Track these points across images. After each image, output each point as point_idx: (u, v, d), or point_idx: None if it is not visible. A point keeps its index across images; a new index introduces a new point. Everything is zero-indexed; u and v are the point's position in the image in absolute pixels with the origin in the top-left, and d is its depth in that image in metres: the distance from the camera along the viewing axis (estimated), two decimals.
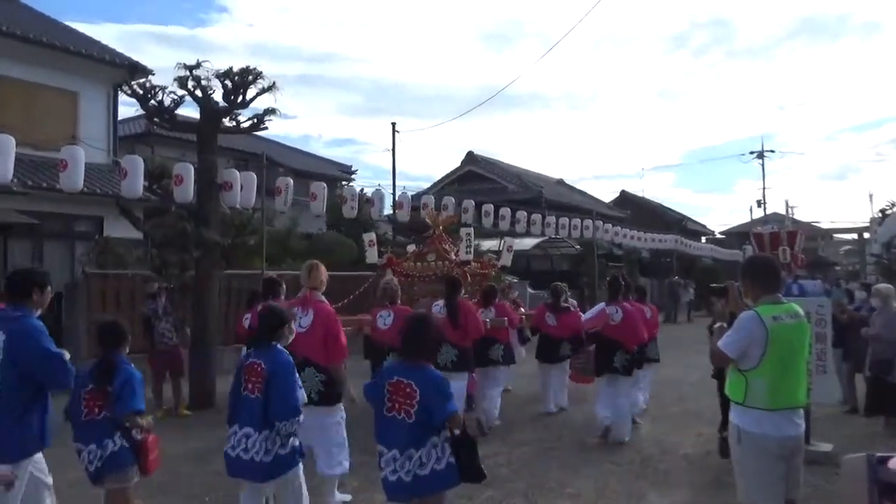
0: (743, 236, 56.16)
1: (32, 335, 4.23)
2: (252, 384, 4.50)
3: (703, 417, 10.07)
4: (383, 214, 18.45)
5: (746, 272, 4.38)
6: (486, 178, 38.35)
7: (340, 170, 34.63)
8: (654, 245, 31.27)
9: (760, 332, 4.08)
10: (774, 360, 4.08)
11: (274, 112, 12.01)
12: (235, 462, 4.51)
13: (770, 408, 4.09)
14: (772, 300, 4.23)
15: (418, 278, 11.14)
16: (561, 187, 45.48)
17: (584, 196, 45.73)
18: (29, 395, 4.21)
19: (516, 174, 39.52)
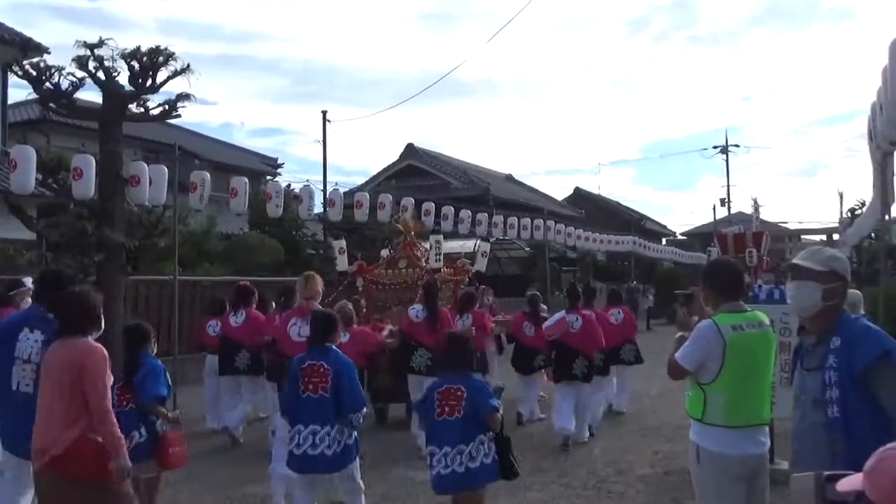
0: (706, 237, 57.48)
1: None
2: (314, 384, 5.42)
3: (661, 434, 10.26)
4: (313, 213, 18.33)
5: (706, 277, 4.47)
6: (427, 172, 38.47)
7: (265, 163, 34.32)
8: (610, 247, 31.81)
9: (717, 342, 4.15)
10: (733, 373, 4.13)
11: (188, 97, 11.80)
12: (303, 458, 5.42)
13: (729, 425, 4.13)
14: (733, 308, 4.30)
15: (389, 286, 11.95)
16: (510, 183, 45.88)
17: (535, 193, 46.22)
18: None
19: (461, 169, 39.74)
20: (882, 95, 7.68)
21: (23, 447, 4.60)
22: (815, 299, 3.47)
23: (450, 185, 36.97)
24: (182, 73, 11.65)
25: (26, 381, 4.93)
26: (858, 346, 3.30)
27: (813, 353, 3.50)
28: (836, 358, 3.32)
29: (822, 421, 3.32)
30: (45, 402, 4.35)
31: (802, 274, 3.54)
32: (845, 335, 3.36)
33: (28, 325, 5.03)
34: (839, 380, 3.28)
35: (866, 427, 3.19)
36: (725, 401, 4.14)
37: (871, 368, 3.23)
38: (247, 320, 9.93)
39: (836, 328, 3.41)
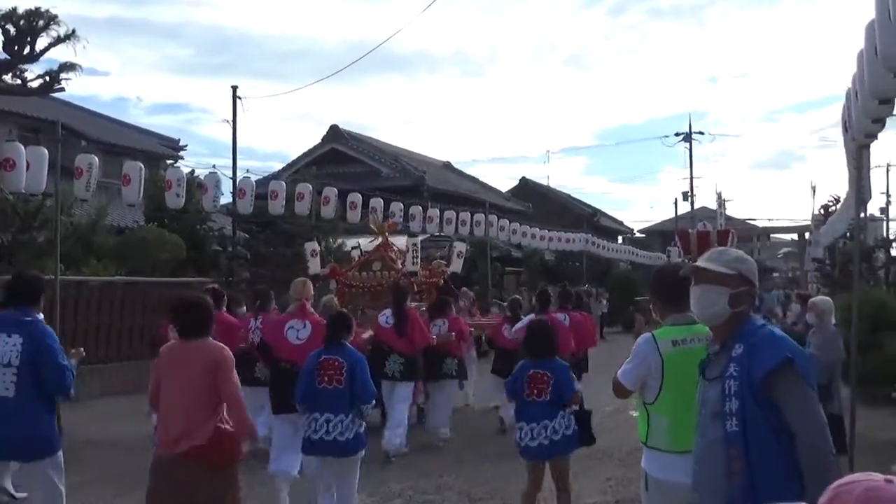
0: (666, 236, 58.47)
1: (47, 340, 5.78)
2: (329, 377, 6.78)
3: (614, 457, 10.40)
4: (220, 204, 18.10)
5: (653, 285, 4.61)
6: (353, 159, 38.34)
7: (164, 144, 33.70)
8: (560, 246, 32.12)
9: (655, 359, 4.28)
10: (675, 392, 4.23)
11: (74, 67, 11.62)
12: (319, 443, 6.77)
13: (673, 449, 4.21)
14: (679, 320, 4.40)
15: (363, 289, 12.86)
16: (448, 172, 46.01)
17: (477, 184, 46.45)
18: (45, 395, 5.78)
19: (392, 155, 39.71)
20: (857, 82, 7.90)
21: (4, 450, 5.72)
22: (722, 305, 3.50)
23: (379, 173, 36.91)
24: (67, 40, 11.45)
25: (6, 385, 5.70)
26: (760, 352, 3.33)
27: (715, 361, 3.54)
28: (736, 366, 3.36)
29: (721, 435, 3.36)
30: (175, 397, 5.25)
31: (707, 277, 3.56)
32: (748, 342, 3.40)
33: (4, 330, 5.75)
34: (739, 389, 3.31)
35: (766, 442, 3.24)
36: (668, 422, 4.25)
37: (773, 376, 3.26)
38: (218, 324, 9.83)
39: (740, 335, 3.45)
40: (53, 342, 5.90)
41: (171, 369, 5.37)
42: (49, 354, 5.80)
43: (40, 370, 5.75)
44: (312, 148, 39.71)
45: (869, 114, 7.82)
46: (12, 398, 5.68)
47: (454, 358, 11.52)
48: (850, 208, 16.77)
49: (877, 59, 6.25)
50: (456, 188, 40.13)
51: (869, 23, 6.50)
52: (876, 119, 7.66)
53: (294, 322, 8.65)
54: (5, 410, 5.65)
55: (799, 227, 53.21)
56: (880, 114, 7.50)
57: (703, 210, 63.12)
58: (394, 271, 12.98)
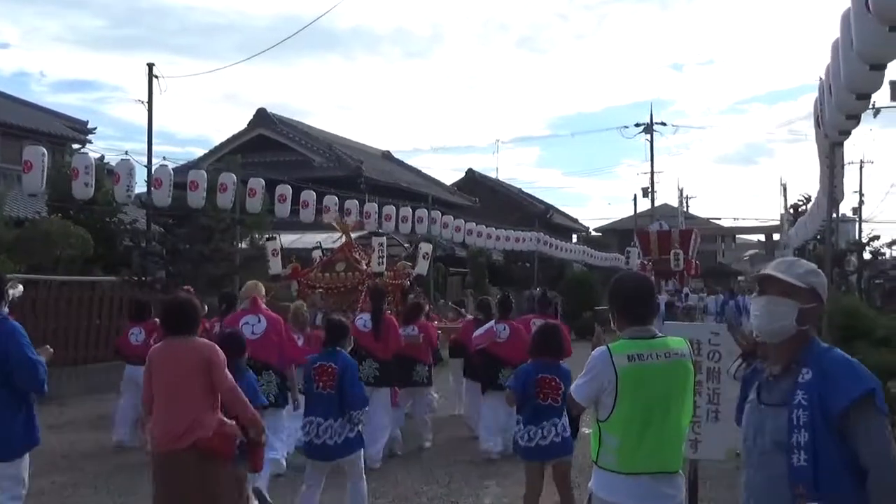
0: (625, 235, 59.06)
1: (15, 336, 6.08)
2: (323, 382, 7.43)
3: None
4: (133, 195, 17.86)
5: (612, 295, 4.67)
6: (283, 146, 38.14)
7: (71, 126, 33.11)
8: (509, 245, 32.31)
9: (608, 374, 4.34)
10: (629, 410, 4.32)
11: None
12: (311, 446, 7.48)
13: (622, 471, 4.32)
14: (637, 333, 4.48)
15: (325, 290, 13.39)
16: (387, 163, 46.00)
17: (419, 176, 46.49)
18: (17, 394, 6.12)
19: (326, 142, 39.56)
20: (832, 75, 8.06)
21: None
22: (790, 320, 3.50)
23: (311, 162, 36.74)
24: None
25: None
26: (837, 382, 3.31)
27: (776, 385, 3.52)
28: (806, 394, 3.34)
29: (785, 470, 3.33)
30: (169, 393, 5.90)
31: (776, 288, 3.56)
32: (818, 367, 3.38)
33: None
34: (809, 420, 3.29)
35: (838, 479, 3.25)
36: (619, 442, 4.33)
37: (851, 410, 3.24)
38: None
39: (807, 358, 3.44)
40: (22, 338, 6.15)
41: (164, 368, 6.01)
42: (18, 351, 6.07)
43: (10, 369, 6.05)
44: (237, 133, 39.42)
45: (843, 109, 8.00)
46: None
47: (424, 364, 11.99)
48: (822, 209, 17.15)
49: (853, 53, 6.37)
50: (396, 180, 40.10)
51: (844, 13, 6.60)
52: (851, 115, 7.85)
53: (249, 317, 9.43)
54: None
55: (767, 227, 54.35)
56: (856, 109, 7.68)
57: (665, 207, 63.96)
58: (358, 272, 13.53)
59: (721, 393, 7.91)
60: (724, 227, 66.79)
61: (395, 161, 47.89)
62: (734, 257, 76.97)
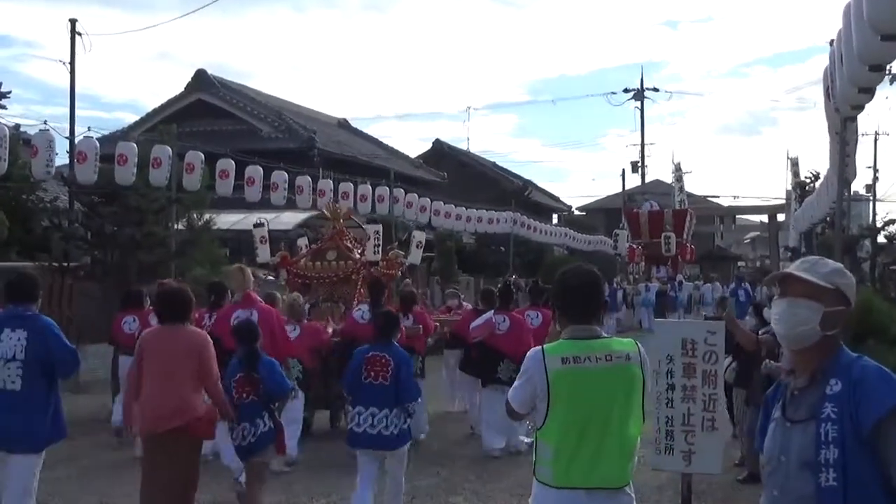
0: (612, 215, 59.13)
1: (52, 332, 7.23)
2: (376, 373, 8.24)
3: None
4: (53, 169, 17.71)
5: (554, 290, 4.74)
6: (225, 113, 37.94)
7: None
8: (481, 227, 32.37)
9: (540, 378, 4.40)
10: (563, 418, 4.38)
11: None
12: (362, 436, 8.22)
13: (555, 485, 4.39)
14: (577, 333, 4.53)
15: (317, 280, 14.34)
16: (344, 132, 45.89)
17: (380, 147, 46.37)
18: (49, 388, 7.17)
19: (274, 109, 39.39)
20: (843, 42, 8.14)
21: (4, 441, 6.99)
22: (812, 325, 3.52)
23: (258, 132, 36.57)
24: None
25: (12, 378, 7.01)
26: (868, 393, 3.31)
27: (802, 399, 3.54)
28: (835, 407, 3.35)
29: (812, 491, 3.35)
30: (163, 376, 7.08)
31: (798, 289, 3.57)
32: (848, 377, 3.39)
33: (8, 325, 7.13)
34: (840, 436, 3.30)
35: (871, 501, 3.28)
36: (554, 453, 4.38)
37: (883, 422, 3.26)
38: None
39: (836, 367, 3.45)
40: (59, 330, 7.37)
41: (157, 352, 7.22)
42: (59, 343, 7.22)
43: (49, 361, 7.11)
44: (173, 98, 39.14)
45: (856, 81, 8.08)
46: (19, 392, 7.03)
47: (418, 355, 12.51)
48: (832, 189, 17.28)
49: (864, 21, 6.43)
50: (354, 153, 40.01)
51: None
52: (864, 88, 7.91)
53: (240, 312, 10.25)
54: (12, 404, 6.98)
55: (770, 207, 54.45)
56: (869, 82, 7.75)
57: (657, 184, 64.27)
58: (351, 261, 14.37)
59: (718, 399, 8.03)
60: (722, 206, 66.95)
61: (352, 131, 47.77)
62: (734, 240, 77.51)
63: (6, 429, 7.00)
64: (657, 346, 8.04)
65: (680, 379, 7.95)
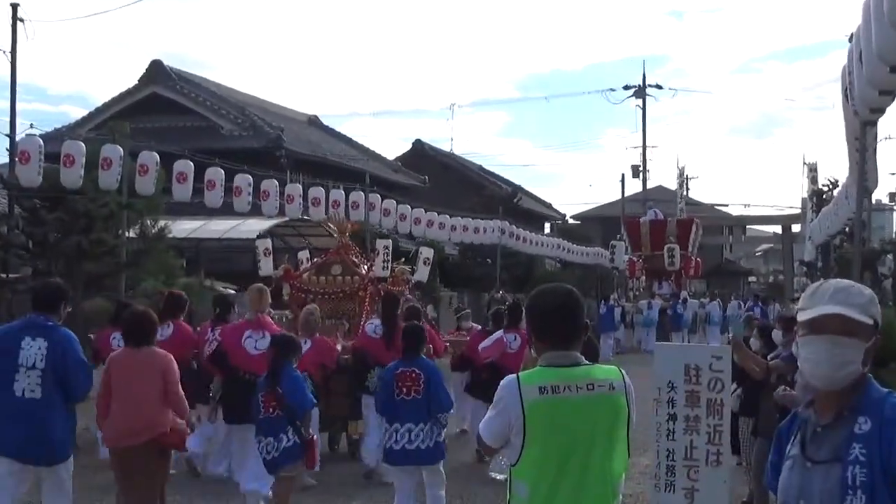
0: (609, 224, 59.20)
1: (71, 345, 8.05)
2: (408, 388, 9.06)
3: None
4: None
5: (528, 313, 4.73)
6: (183, 108, 37.90)
7: None
8: (466, 236, 32.36)
9: (515, 409, 4.35)
10: (540, 453, 4.34)
11: None
12: (400, 453, 9.08)
13: None
14: (553, 360, 4.49)
15: (320, 295, 14.81)
16: (315, 131, 45.91)
17: (354, 148, 46.39)
18: (67, 398, 8.08)
19: (237, 105, 39.40)
20: (862, 39, 8.18)
21: (26, 453, 7.92)
22: (856, 365, 3.46)
23: (219, 129, 36.56)
24: None
25: (32, 387, 7.85)
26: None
27: (826, 437, 3.49)
28: (864, 448, 3.31)
29: None
30: (134, 396, 8.04)
31: (838, 326, 3.49)
32: (879, 415, 3.36)
33: (29, 334, 7.96)
34: (869, 481, 3.27)
35: None
36: (529, 492, 4.35)
37: None
38: (175, 333, 12.22)
39: (865, 404, 3.42)
40: (76, 344, 8.18)
41: (125, 373, 8.18)
42: (75, 355, 8.08)
43: (64, 373, 7.97)
44: (126, 92, 39.05)
45: (876, 83, 8.12)
46: (39, 399, 7.89)
47: None
48: (851, 198, 17.36)
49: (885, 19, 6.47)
50: (326, 153, 40.04)
51: None
52: (884, 91, 7.95)
53: (252, 332, 11.00)
54: (33, 412, 7.86)
55: (784, 216, 54.73)
56: (890, 84, 7.77)
57: (660, 190, 64.35)
58: (357, 276, 15.09)
59: (724, 431, 8.04)
60: (732, 215, 67.32)
61: (324, 129, 47.83)
62: (744, 252, 77.80)
63: (32, 438, 7.90)
64: (657, 371, 8.06)
65: (682, 408, 7.92)
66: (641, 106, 57.75)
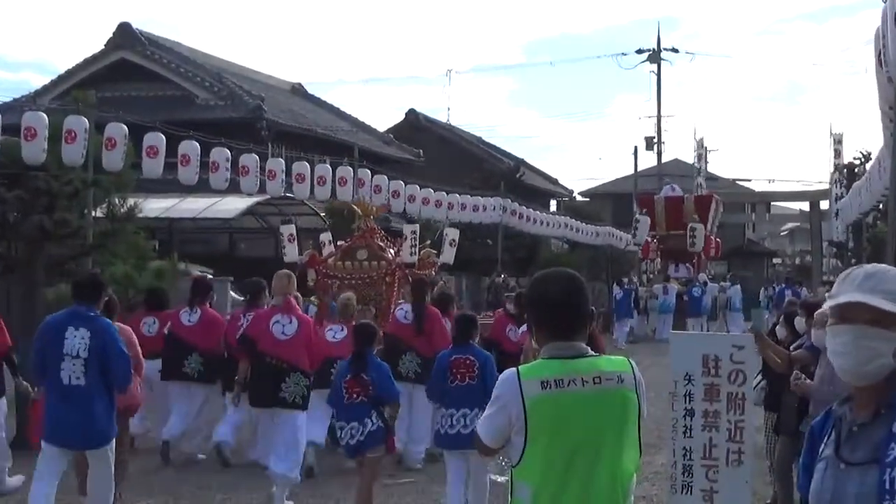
0: (621, 201, 59.18)
1: (112, 334, 9.28)
2: (462, 374, 10.01)
3: None
4: None
5: (527, 301, 4.78)
6: (154, 75, 37.94)
7: None
8: (464, 215, 32.32)
9: (516, 405, 4.35)
10: (545, 453, 4.34)
11: None
12: (455, 437, 9.86)
13: None
14: (556, 352, 4.48)
15: (346, 281, 15.90)
16: (299, 100, 45.90)
17: (342, 118, 46.36)
18: (109, 385, 9.20)
19: (213, 71, 39.35)
20: None
21: (73, 438, 9.20)
22: (888, 357, 3.46)
23: (194, 98, 36.58)
24: None
25: (77, 374, 9.03)
26: None
27: (862, 437, 3.47)
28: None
29: None
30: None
31: (866, 315, 3.48)
32: None
33: (72, 324, 9.11)
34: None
35: None
36: (533, 494, 4.34)
37: None
38: (202, 319, 13.83)
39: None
40: (116, 334, 9.42)
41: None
42: (114, 345, 9.20)
43: (105, 362, 9.09)
44: (91, 57, 39.07)
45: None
46: (84, 386, 9.05)
47: None
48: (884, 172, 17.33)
49: None
50: (311, 125, 40.04)
51: None
52: None
53: (280, 317, 11.77)
54: (79, 398, 9.04)
55: (812, 192, 54.62)
56: None
57: (675, 164, 64.35)
58: (384, 261, 16.11)
59: (745, 427, 8.03)
60: (754, 191, 67.25)
61: (309, 98, 47.93)
62: (769, 231, 77.73)
63: (77, 424, 9.09)
64: (673, 363, 8.07)
65: (700, 403, 7.95)
66: (656, 71, 57.78)
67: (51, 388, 9.30)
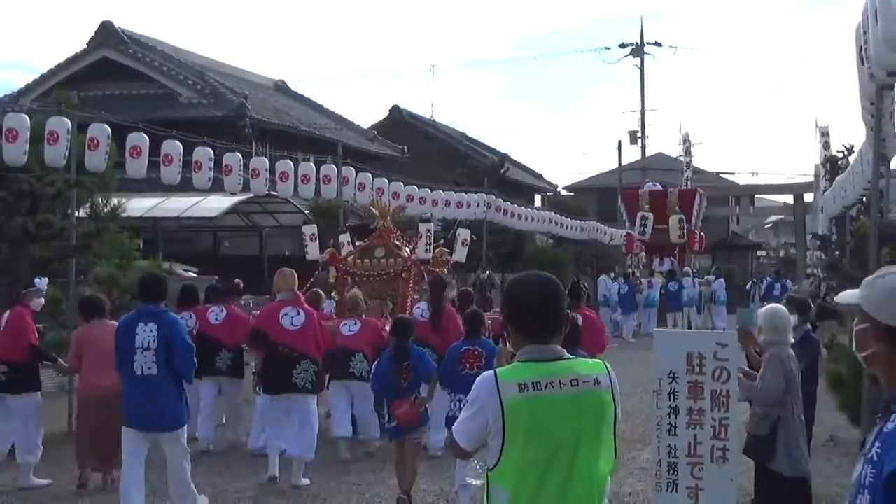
0: (606, 196, 59.29)
1: (178, 326, 10.43)
2: (471, 364, 10.91)
3: None
4: None
5: (504, 303, 4.75)
6: (136, 74, 37.83)
7: None
8: (448, 211, 32.30)
9: (493, 408, 4.35)
10: (522, 456, 4.34)
11: None
12: None
13: None
14: (533, 354, 4.50)
15: (364, 278, 17.06)
16: (282, 97, 45.83)
17: (325, 115, 46.31)
18: (177, 374, 10.21)
19: (195, 69, 39.28)
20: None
21: (148, 422, 10.12)
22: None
23: (176, 97, 36.49)
24: None
25: (148, 365, 9.99)
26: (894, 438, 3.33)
27: (873, 429, 3.54)
28: (881, 448, 3.35)
29: None
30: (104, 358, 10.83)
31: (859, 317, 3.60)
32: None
33: (142, 320, 10.13)
34: (873, 482, 3.32)
35: None
36: (509, 498, 4.35)
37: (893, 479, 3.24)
38: (228, 317, 14.92)
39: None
40: (182, 328, 10.60)
41: (97, 341, 11.56)
42: (181, 337, 10.26)
43: (171, 353, 10.02)
44: (74, 56, 38.97)
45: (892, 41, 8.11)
46: (155, 375, 10.00)
47: None
48: (867, 165, 17.37)
49: None
50: (294, 122, 40.00)
51: None
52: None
53: (288, 309, 12.79)
54: (152, 386, 10.00)
55: (796, 185, 54.62)
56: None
57: (660, 158, 64.41)
58: (400, 259, 17.06)
59: (730, 425, 8.02)
60: (739, 184, 67.31)
61: (292, 95, 47.87)
62: (753, 225, 77.78)
63: (152, 409, 10.04)
64: (657, 360, 8.07)
65: (685, 401, 7.94)
66: (639, 66, 57.87)
67: (127, 377, 10.23)
